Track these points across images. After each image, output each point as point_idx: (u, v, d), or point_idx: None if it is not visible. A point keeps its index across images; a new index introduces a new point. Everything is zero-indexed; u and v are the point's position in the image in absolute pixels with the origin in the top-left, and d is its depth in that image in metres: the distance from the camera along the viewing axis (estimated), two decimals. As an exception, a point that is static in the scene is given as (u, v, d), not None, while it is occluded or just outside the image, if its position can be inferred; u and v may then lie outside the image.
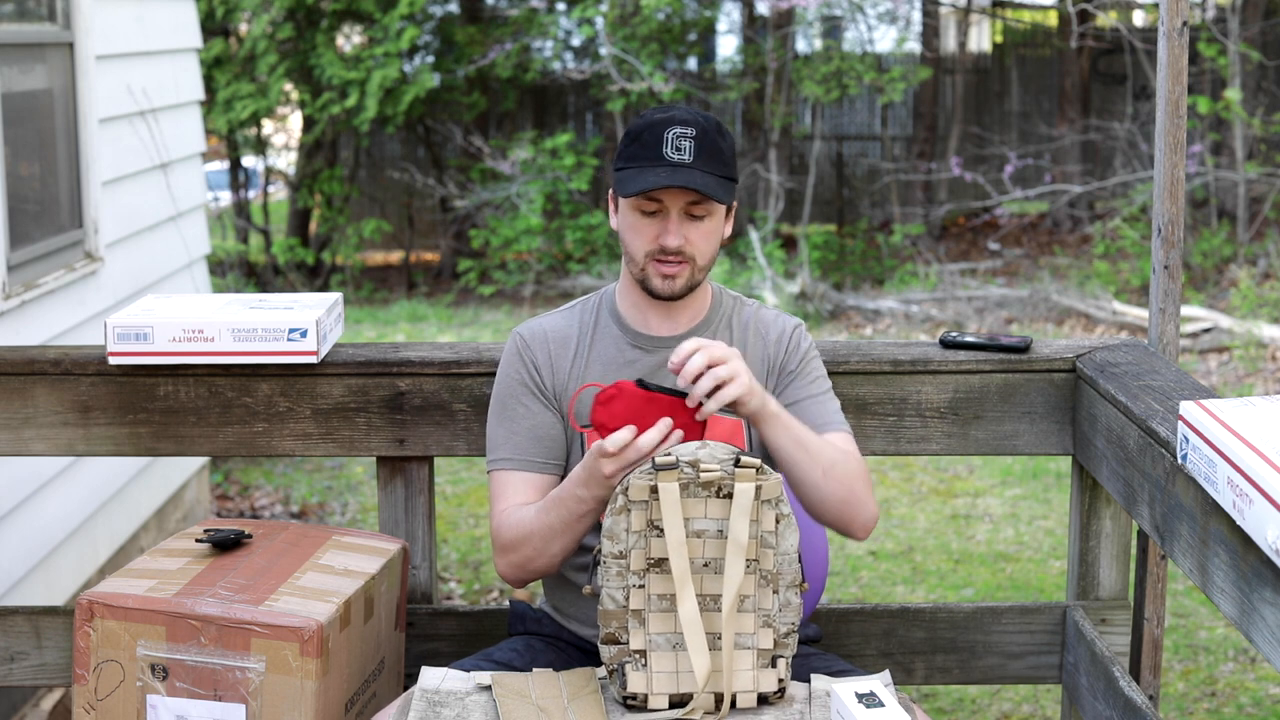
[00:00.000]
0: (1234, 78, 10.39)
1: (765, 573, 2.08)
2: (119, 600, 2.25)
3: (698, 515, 2.04)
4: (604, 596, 2.07)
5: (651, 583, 2.05)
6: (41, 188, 4.67)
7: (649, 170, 2.19)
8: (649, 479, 2.02)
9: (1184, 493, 2.05)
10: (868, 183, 13.75)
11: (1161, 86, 2.62)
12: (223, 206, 12.90)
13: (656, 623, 2.05)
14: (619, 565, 2.05)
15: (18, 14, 4.63)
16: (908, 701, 2.15)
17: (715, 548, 2.05)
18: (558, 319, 2.39)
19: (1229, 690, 4.28)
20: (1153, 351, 2.67)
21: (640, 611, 2.05)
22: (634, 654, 2.06)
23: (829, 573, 4.41)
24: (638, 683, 2.05)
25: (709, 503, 2.04)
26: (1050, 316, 9.95)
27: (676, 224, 2.21)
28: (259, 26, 11.83)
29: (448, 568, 5.42)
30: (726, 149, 2.23)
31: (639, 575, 2.05)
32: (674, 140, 2.19)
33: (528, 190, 11.62)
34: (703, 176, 2.18)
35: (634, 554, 2.04)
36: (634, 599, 2.05)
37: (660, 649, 2.06)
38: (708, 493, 2.04)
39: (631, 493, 2.02)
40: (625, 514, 2.04)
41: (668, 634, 2.05)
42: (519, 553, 2.24)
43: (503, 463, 2.33)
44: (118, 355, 2.61)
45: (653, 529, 2.03)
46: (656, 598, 2.05)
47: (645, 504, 2.03)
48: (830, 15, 12.84)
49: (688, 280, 2.25)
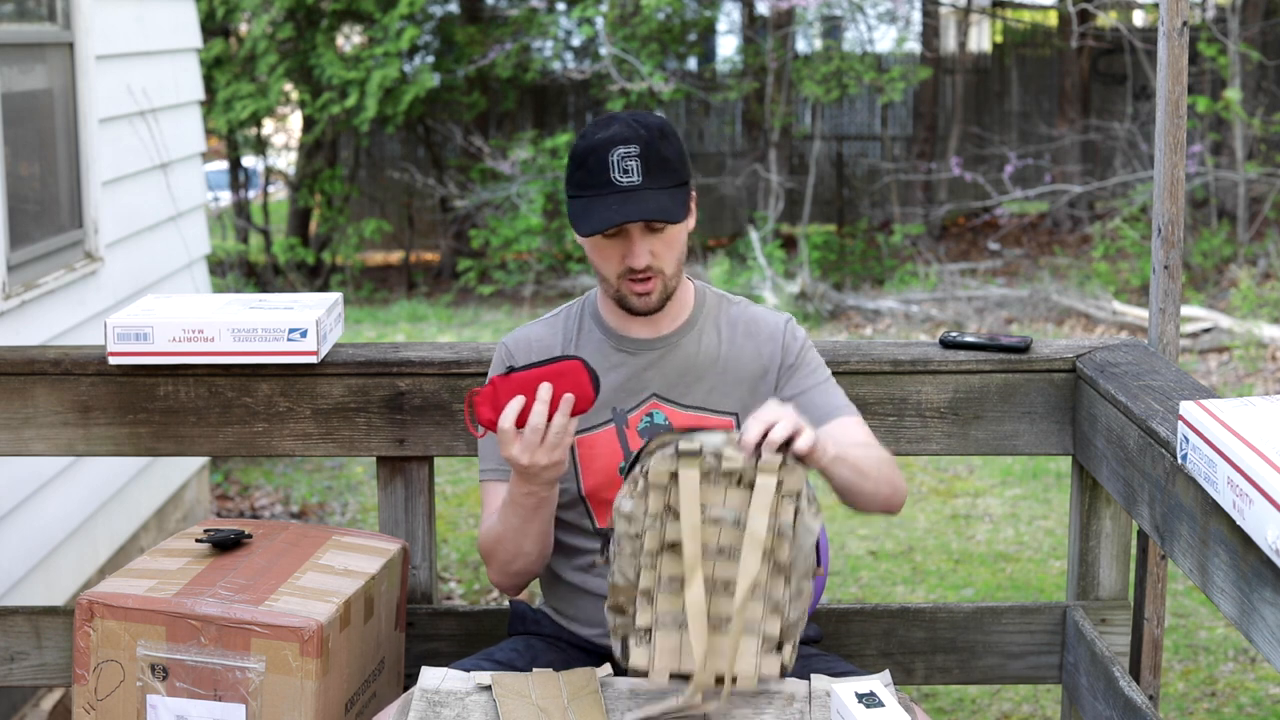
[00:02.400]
0: (1234, 78, 10.39)
1: (779, 563, 2.07)
2: (119, 600, 2.25)
3: (716, 502, 2.03)
4: (614, 571, 2.07)
5: (664, 564, 2.05)
6: (41, 188, 4.67)
7: (599, 202, 2.17)
8: (671, 464, 2.02)
9: (1184, 493, 2.05)
10: (868, 183, 13.75)
11: (1161, 86, 2.62)
12: (223, 206, 12.90)
13: (665, 602, 2.06)
14: (633, 545, 2.05)
15: (18, 14, 4.63)
16: (908, 701, 2.15)
17: (730, 535, 2.04)
18: (542, 327, 2.40)
19: (1229, 690, 4.28)
20: (1153, 351, 2.67)
21: (650, 590, 2.06)
22: (639, 630, 2.06)
23: (829, 573, 4.40)
24: (640, 658, 2.06)
25: (729, 491, 2.03)
26: (1050, 316, 9.95)
27: (640, 243, 2.20)
28: (259, 26, 11.83)
29: (448, 568, 5.42)
30: (673, 155, 2.20)
31: (652, 556, 2.05)
32: (620, 163, 2.16)
33: (528, 190, 11.63)
34: (654, 196, 2.16)
35: (649, 535, 2.04)
36: (644, 578, 2.05)
37: (666, 627, 2.06)
38: (728, 481, 2.03)
39: (652, 476, 2.02)
40: (644, 498, 2.03)
41: (675, 613, 2.06)
42: (498, 558, 2.26)
43: (487, 473, 2.35)
44: (118, 355, 2.61)
45: (669, 512, 2.03)
46: (667, 579, 2.05)
47: (665, 488, 2.03)
48: (830, 15, 12.84)
49: (662, 293, 2.25)
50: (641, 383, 2.31)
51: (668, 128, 2.23)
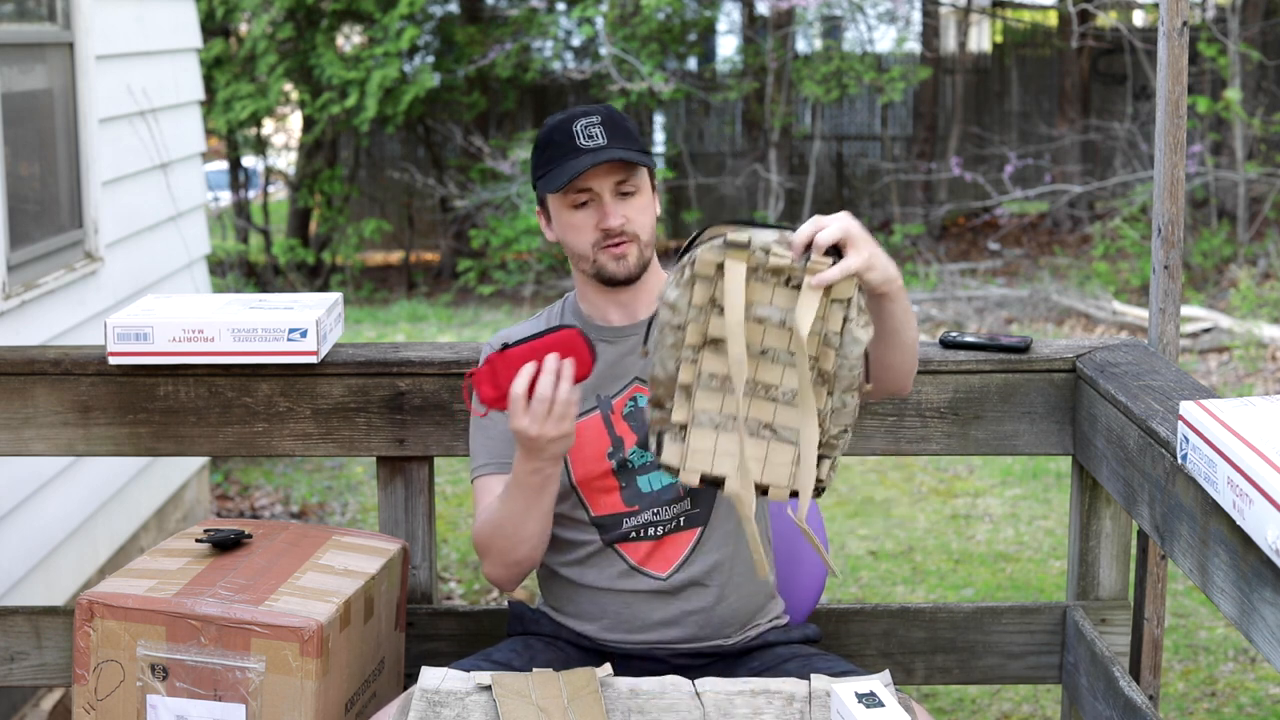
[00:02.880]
0: (1234, 78, 10.39)
1: (823, 372, 2.00)
2: (119, 600, 2.25)
3: (763, 301, 1.97)
4: (654, 362, 2.01)
5: (705, 360, 1.99)
6: (41, 188, 4.67)
7: (568, 162, 2.24)
8: (719, 255, 1.96)
9: (1184, 493, 2.05)
10: (868, 183, 13.75)
11: (1161, 86, 2.62)
12: (223, 206, 12.90)
13: (703, 400, 2.00)
14: (675, 336, 1.99)
15: (18, 14, 4.63)
16: (908, 701, 2.15)
17: (776, 336, 1.98)
18: (526, 326, 2.42)
19: (1229, 690, 4.28)
20: (1153, 351, 2.67)
21: (689, 386, 2.00)
22: (675, 425, 2.01)
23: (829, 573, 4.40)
24: (672, 455, 2.01)
25: (776, 290, 1.97)
26: (1050, 316, 9.95)
27: (612, 205, 2.26)
28: (259, 26, 11.84)
29: (448, 568, 5.42)
30: (633, 129, 2.30)
31: (694, 350, 1.99)
32: (583, 131, 2.24)
33: (528, 190, 11.63)
34: (622, 151, 2.24)
35: (691, 328, 1.98)
36: (684, 372, 2.00)
37: (702, 426, 2.00)
38: (777, 279, 1.97)
39: (699, 266, 1.96)
40: (689, 287, 1.97)
41: (711, 413, 2.00)
42: (496, 547, 2.25)
43: (481, 469, 2.35)
44: (118, 355, 2.61)
45: (714, 306, 1.98)
46: (708, 376, 1.99)
47: (711, 280, 1.97)
48: (830, 15, 12.84)
49: (638, 257, 2.28)
50: (623, 368, 2.33)
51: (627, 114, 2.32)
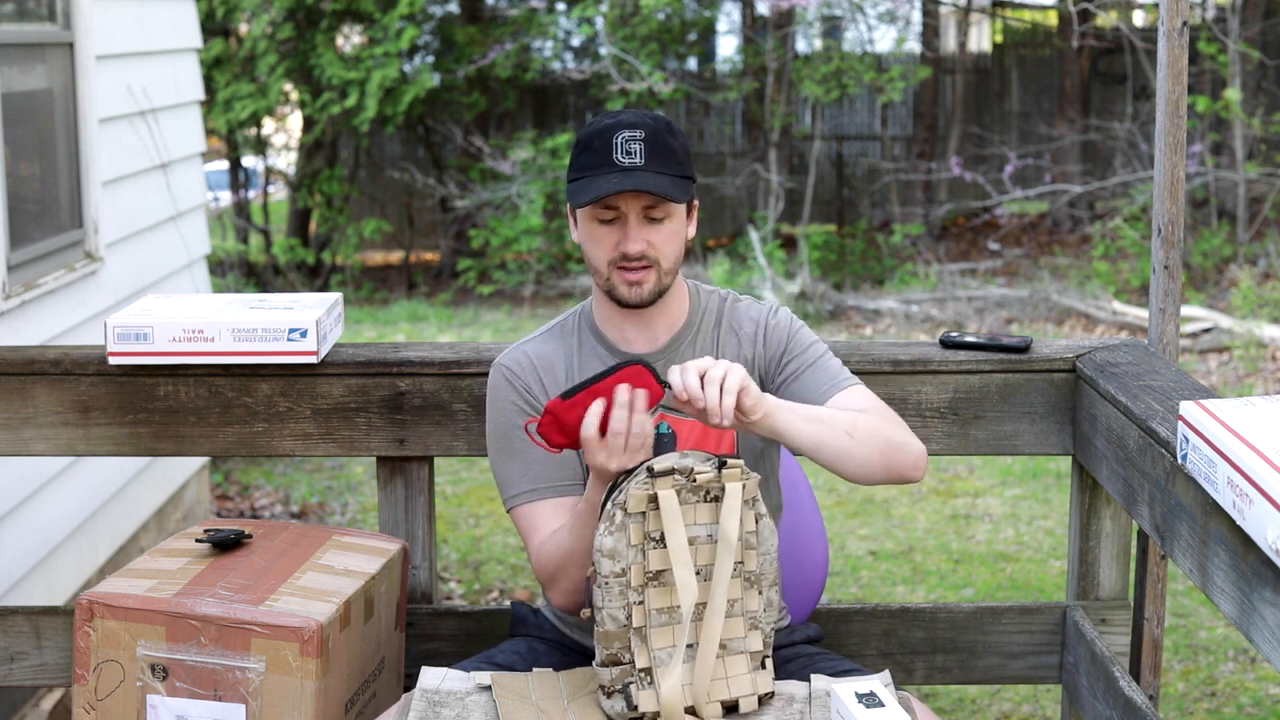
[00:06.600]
0: (1234, 78, 10.39)
1: (750, 574, 2.06)
2: (119, 600, 2.25)
3: (689, 522, 2.02)
4: (603, 617, 2.03)
5: (650, 597, 2.02)
6: (41, 188, 4.67)
7: (600, 177, 2.15)
8: (647, 489, 2.00)
9: (1184, 493, 2.05)
10: (868, 183, 13.74)
11: (1161, 86, 2.62)
12: (223, 206, 12.90)
13: (658, 638, 2.02)
14: (620, 584, 2.01)
15: (18, 14, 4.63)
16: (909, 700, 2.15)
17: (707, 554, 2.03)
18: (538, 344, 2.35)
19: (1229, 690, 4.28)
20: (1153, 351, 2.67)
21: (642, 629, 2.02)
22: (639, 673, 2.02)
23: (829, 573, 4.40)
24: (648, 701, 2.02)
25: (698, 508, 2.02)
26: (1050, 316, 9.95)
27: (636, 229, 2.18)
28: (259, 26, 11.83)
29: (448, 568, 5.42)
30: (678, 148, 2.20)
31: (638, 591, 2.01)
32: (623, 144, 2.15)
33: (528, 190, 11.63)
34: (655, 178, 2.15)
35: (633, 569, 2.01)
36: (635, 616, 2.02)
37: (664, 664, 2.02)
38: (697, 498, 2.02)
39: (630, 505, 1.99)
40: (624, 530, 2.01)
41: (668, 649, 2.02)
42: (567, 576, 2.19)
43: (524, 496, 2.27)
44: (118, 355, 2.62)
45: (649, 540, 2.01)
46: (656, 612, 2.02)
47: (642, 516, 2.00)
48: (830, 15, 12.84)
49: (655, 285, 2.21)
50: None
51: (675, 126, 2.23)
